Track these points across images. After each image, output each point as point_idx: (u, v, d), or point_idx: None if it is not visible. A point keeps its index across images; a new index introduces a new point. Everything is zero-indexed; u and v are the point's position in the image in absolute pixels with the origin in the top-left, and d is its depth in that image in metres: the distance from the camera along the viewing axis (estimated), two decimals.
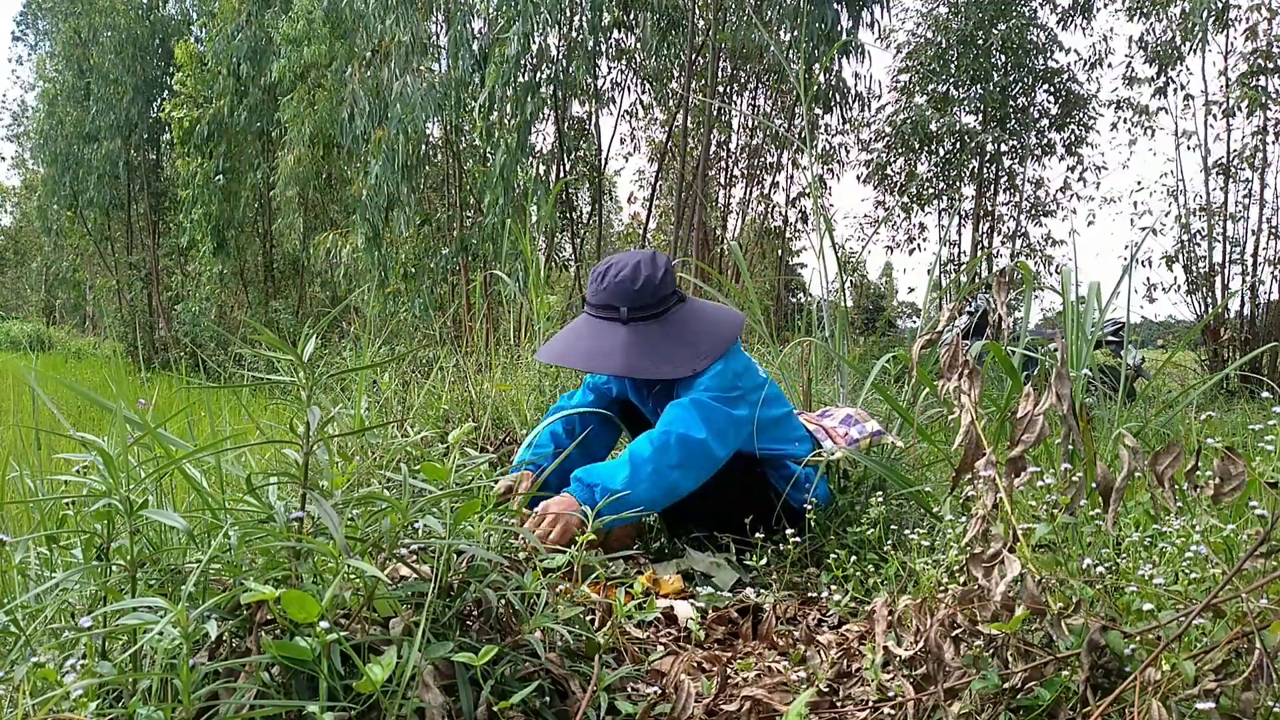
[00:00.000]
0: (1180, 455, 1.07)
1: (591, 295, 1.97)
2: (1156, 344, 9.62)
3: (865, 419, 2.31)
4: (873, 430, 2.26)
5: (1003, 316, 1.52)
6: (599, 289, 1.94)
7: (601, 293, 1.94)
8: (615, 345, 1.90)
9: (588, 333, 1.97)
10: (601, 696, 1.23)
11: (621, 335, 1.91)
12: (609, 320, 1.94)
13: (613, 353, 1.90)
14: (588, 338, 1.96)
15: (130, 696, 1.05)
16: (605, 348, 1.91)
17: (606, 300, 1.93)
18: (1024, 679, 1.08)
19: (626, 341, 1.91)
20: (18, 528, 1.89)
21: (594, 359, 1.93)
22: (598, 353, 1.92)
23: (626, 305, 1.92)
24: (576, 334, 2.00)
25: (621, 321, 1.92)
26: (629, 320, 1.92)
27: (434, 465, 1.24)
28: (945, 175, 12.25)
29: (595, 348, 1.93)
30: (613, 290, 1.92)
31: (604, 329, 1.94)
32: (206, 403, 2.09)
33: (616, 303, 1.92)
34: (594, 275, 1.99)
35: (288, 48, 9.82)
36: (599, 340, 1.93)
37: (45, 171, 16.14)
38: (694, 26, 8.64)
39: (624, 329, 1.92)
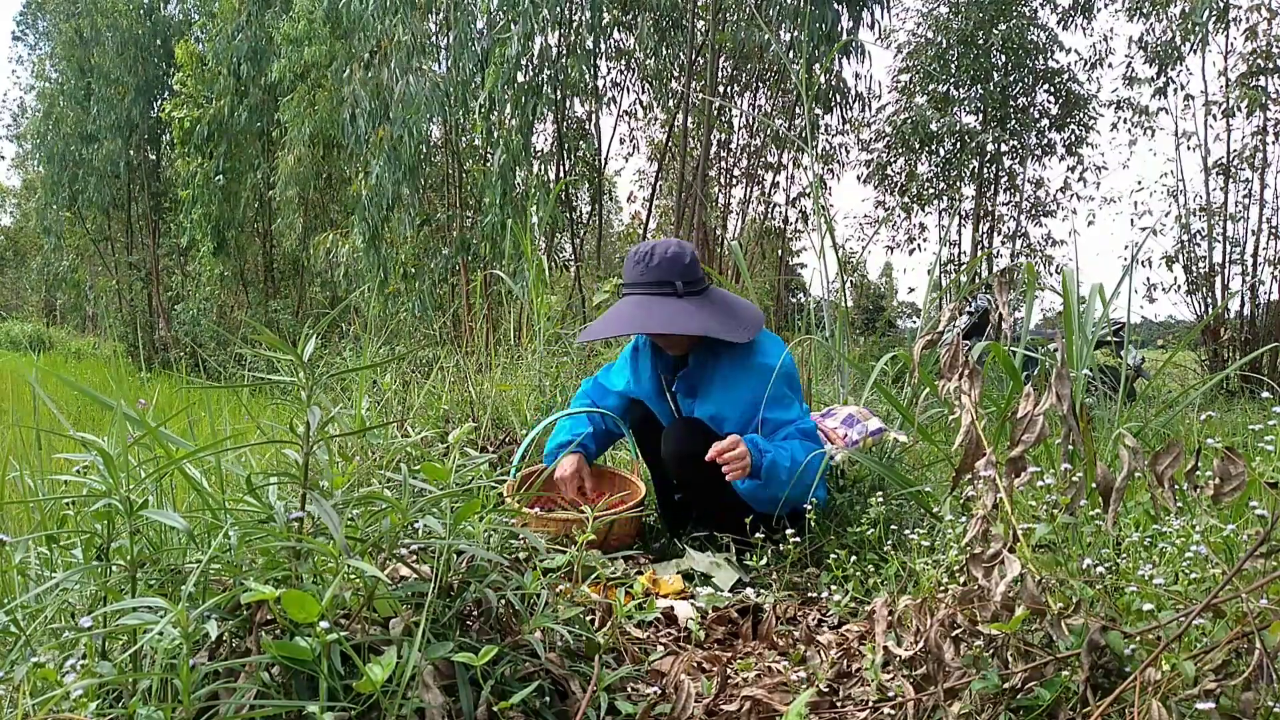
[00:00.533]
0: (1180, 455, 1.07)
1: (640, 275, 2.01)
2: (1156, 344, 9.61)
3: (867, 417, 2.31)
4: (874, 429, 2.26)
5: (1004, 317, 1.52)
6: (649, 267, 2.00)
7: (653, 269, 2.00)
8: (686, 313, 1.97)
9: (646, 306, 2.00)
10: (601, 696, 1.23)
11: (683, 305, 1.98)
12: (663, 295, 1.99)
13: (689, 317, 1.95)
14: (649, 310, 1.99)
15: (130, 696, 1.05)
16: (680, 313, 1.96)
17: (660, 276, 1.99)
18: (1024, 679, 1.08)
19: (691, 309, 1.97)
20: (18, 528, 1.89)
21: (675, 322, 1.96)
22: (677, 317, 1.96)
23: (680, 279, 2.00)
24: (636, 308, 2.01)
25: (677, 295, 1.99)
26: (684, 294, 2.00)
27: (434, 465, 1.24)
28: (945, 175, 12.24)
29: (673, 314, 1.97)
30: (665, 267, 1.99)
31: (661, 302, 1.99)
32: (207, 403, 2.09)
33: (670, 278, 1.99)
34: (638, 257, 2.03)
35: (288, 48, 9.81)
36: (663, 310, 1.98)
37: (44, 172, 16.14)
38: (694, 26, 8.64)
39: (680, 301, 1.98)
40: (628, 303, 2.03)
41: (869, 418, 2.31)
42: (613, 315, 2.07)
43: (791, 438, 1.98)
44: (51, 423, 2.15)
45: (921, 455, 2.55)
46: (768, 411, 1.99)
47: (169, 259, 15.86)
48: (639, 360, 2.26)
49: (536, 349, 3.40)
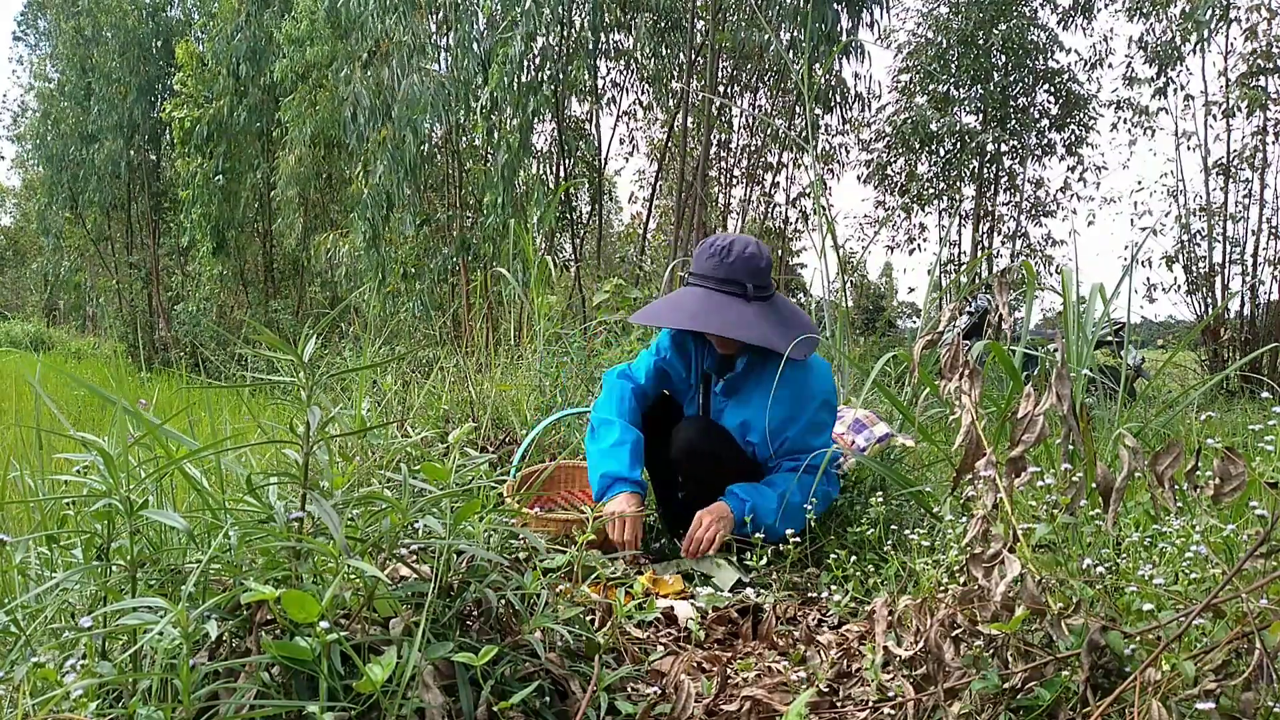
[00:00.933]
0: (1180, 455, 1.07)
1: (712, 269, 1.97)
2: (1156, 344, 9.61)
3: (874, 422, 2.31)
4: (881, 434, 2.26)
5: (1004, 317, 1.52)
6: (723, 263, 1.95)
7: (727, 266, 1.95)
8: (752, 319, 1.93)
9: (713, 303, 1.96)
10: (601, 696, 1.23)
11: (749, 310, 1.94)
12: (732, 295, 1.95)
13: (754, 325, 1.92)
14: (715, 308, 1.95)
15: (130, 696, 1.05)
16: (747, 318, 1.93)
17: (732, 275, 1.95)
18: (1024, 679, 1.08)
19: (756, 315, 1.94)
20: (19, 527, 1.89)
21: (735, 328, 1.93)
22: (742, 322, 1.93)
23: (753, 282, 1.95)
24: (698, 302, 1.97)
25: (745, 298, 1.95)
26: (753, 298, 1.95)
27: (434, 465, 1.24)
28: (945, 175, 12.24)
29: (730, 317, 1.93)
30: (740, 266, 1.95)
31: (728, 302, 1.95)
32: (207, 402, 2.09)
33: (743, 279, 1.95)
34: (712, 250, 1.98)
35: (290, 48, 9.81)
36: (728, 311, 1.94)
37: (44, 173, 16.14)
38: (693, 26, 8.64)
39: (748, 305, 1.95)
40: (693, 295, 1.98)
41: (875, 423, 2.31)
42: (675, 304, 2.02)
43: (792, 470, 1.96)
44: (52, 422, 2.15)
45: (922, 455, 2.55)
46: (796, 434, 1.97)
47: (169, 259, 15.86)
48: (683, 347, 2.19)
49: (537, 349, 3.40)
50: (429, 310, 7.93)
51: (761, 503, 1.92)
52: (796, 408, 1.97)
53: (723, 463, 2.01)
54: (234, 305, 13.09)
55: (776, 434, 2.00)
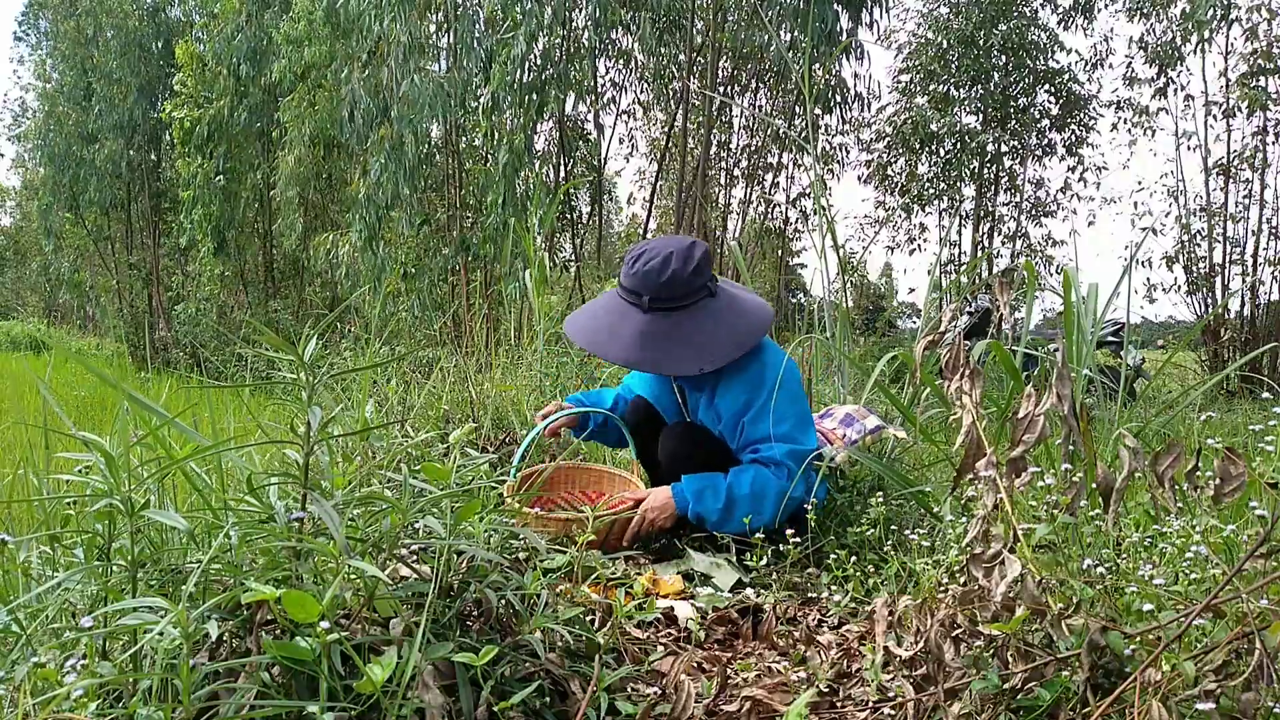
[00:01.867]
0: (1181, 456, 1.07)
1: (622, 276, 2.01)
2: (1156, 344, 9.61)
3: (864, 416, 2.31)
4: (872, 427, 2.26)
5: (1005, 317, 1.52)
6: (628, 272, 1.98)
7: (630, 277, 1.97)
8: (631, 333, 1.94)
9: (607, 315, 2.00)
10: (602, 697, 1.23)
11: (639, 323, 1.95)
12: (631, 305, 1.97)
13: (626, 343, 1.93)
14: (606, 321, 1.99)
15: (130, 697, 1.05)
16: (621, 334, 1.95)
17: (632, 286, 1.96)
18: (1024, 679, 1.08)
19: (642, 331, 1.94)
20: (21, 527, 1.89)
21: (607, 347, 1.96)
22: (612, 340, 1.95)
23: (649, 295, 1.94)
24: (600, 312, 2.03)
25: (642, 309, 1.95)
26: (649, 309, 1.95)
27: (434, 466, 1.24)
28: (946, 176, 12.24)
29: (610, 334, 1.96)
30: (640, 278, 1.95)
31: (626, 312, 1.97)
32: (208, 402, 2.09)
33: (640, 290, 1.95)
34: (629, 256, 2.02)
35: (288, 48, 9.81)
36: (618, 325, 1.96)
37: (45, 173, 16.14)
38: (692, 26, 8.64)
39: (643, 317, 1.95)
40: (604, 299, 2.05)
41: (866, 416, 2.31)
42: (582, 312, 2.09)
43: (753, 463, 1.95)
44: (53, 422, 2.15)
45: (922, 455, 2.55)
46: (750, 423, 1.97)
47: (169, 259, 15.86)
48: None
49: (537, 349, 3.40)
50: (429, 310, 7.93)
51: (708, 495, 1.92)
52: (751, 395, 1.97)
53: (710, 466, 2.01)
54: (234, 305, 13.09)
55: (735, 426, 2.00)
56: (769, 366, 1.99)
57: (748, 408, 1.97)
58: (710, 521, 1.94)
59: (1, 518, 1.80)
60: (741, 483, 1.92)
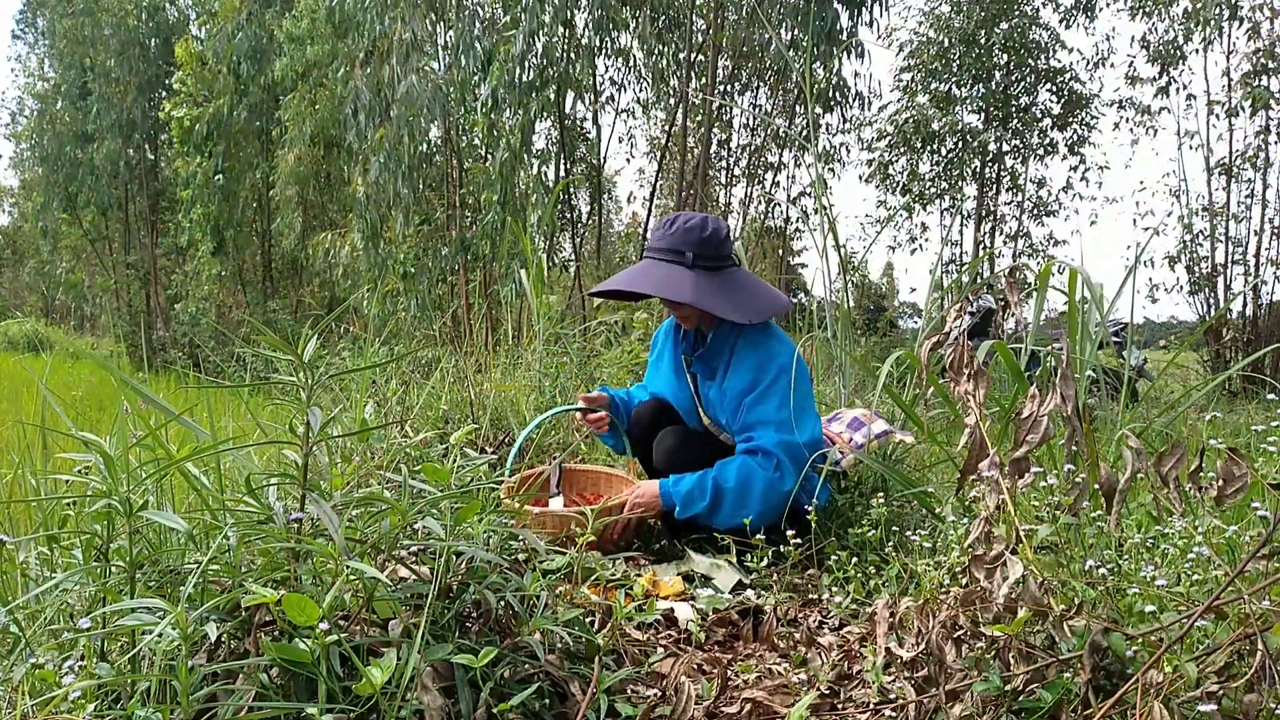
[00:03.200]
0: (1184, 456, 1.06)
1: (658, 240, 2.01)
2: (1159, 344, 9.60)
3: (872, 420, 2.31)
4: (879, 431, 2.26)
5: (1014, 315, 1.52)
6: (667, 233, 1.99)
7: (669, 237, 1.98)
8: (685, 281, 1.95)
9: (655, 270, 1.99)
10: (601, 699, 1.23)
11: (690, 276, 1.96)
12: (671, 262, 1.98)
13: (684, 286, 1.94)
14: (655, 274, 1.98)
15: (129, 698, 1.04)
16: (677, 280, 1.95)
17: (674, 244, 1.98)
18: (1026, 681, 1.07)
19: (695, 282, 1.96)
20: (19, 528, 1.88)
21: (666, 287, 1.95)
22: (670, 283, 1.95)
23: (693, 250, 1.97)
24: (642, 271, 2.01)
25: (687, 266, 1.97)
26: (694, 266, 1.97)
27: (434, 466, 1.24)
28: (947, 175, 12.23)
29: (667, 279, 1.96)
30: (681, 235, 1.97)
31: (670, 269, 1.97)
32: (207, 402, 2.09)
33: (684, 247, 1.97)
34: (663, 224, 2.03)
35: (290, 46, 9.81)
36: (668, 278, 1.97)
37: (40, 173, 16.15)
38: (692, 25, 8.63)
39: (690, 272, 1.96)
40: (638, 266, 2.03)
41: (874, 420, 2.31)
42: (616, 276, 2.07)
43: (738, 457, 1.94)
44: (52, 422, 2.15)
45: (923, 456, 2.54)
46: (751, 402, 1.98)
47: (167, 259, 15.86)
48: (664, 343, 2.28)
49: (536, 349, 3.40)
50: (428, 310, 7.92)
51: (695, 496, 1.93)
52: (758, 375, 1.98)
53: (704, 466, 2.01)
54: (232, 305, 13.09)
55: (737, 405, 2.00)
56: (780, 351, 2.01)
57: (753, 387, 1.98)
58: (701, 518, 1.95)
59: (0, 518, 1.80)
60: (726, 475, 1.92)
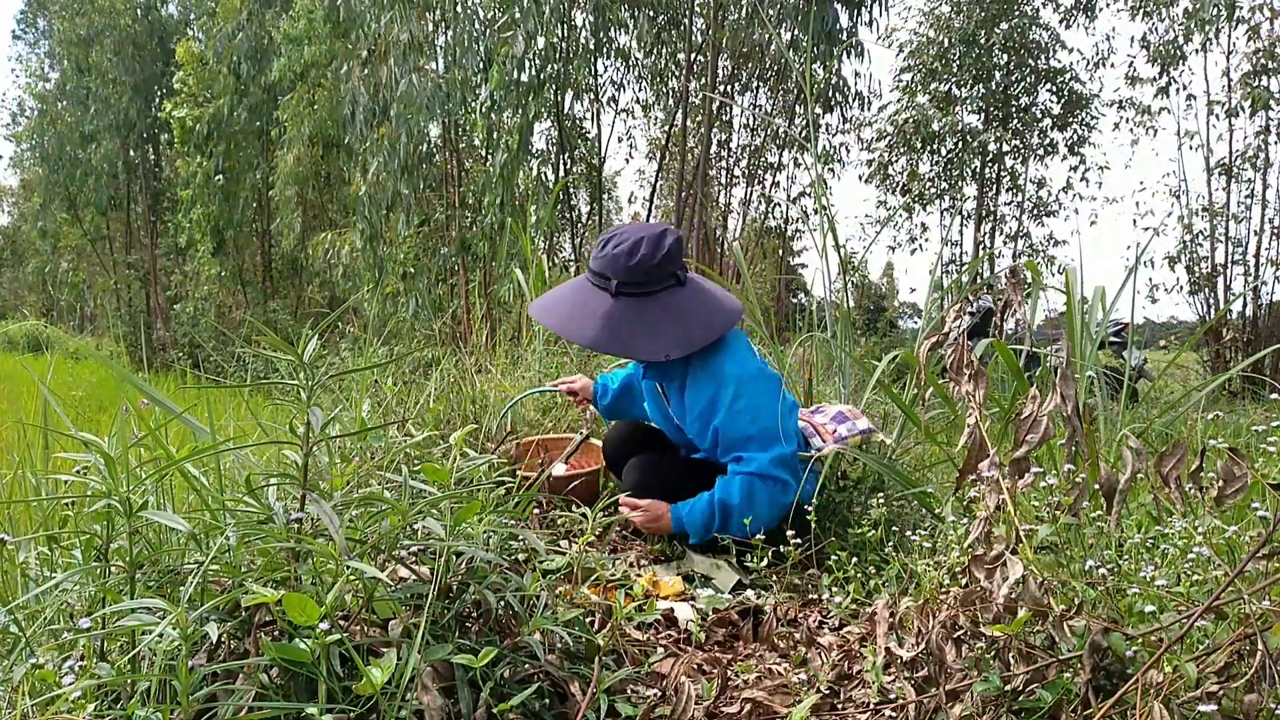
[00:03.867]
0: (1185, 456, 1.07)
1: (592, 260, 1.99)
2: (1159, 345, 9.60)
3: (857, 416, 2.30)
4: (863, 428, 2.25)
5: (1015, 315, 1.52)
6: (598, 255, 1.97)
7: (599, 260, 1.96)
8: (596, 315, 1.92)
9: (576, 296, 1.98)
10: (601, 699, 1.23)
11: (607, 306, 1.92)
12: (600, 289, 1.95)
13: (589, 324, 1.91)
14: (573, 302, 1.97)
15: (129, 698, 1.04)
16: (586, 316, 1.93)
17: (600, 269, 1.95)
18: (1026, 681, 1.07)
19: (608, 314, 1.91)
20: (19, 528, 1.88)
21: (568, 327, 1.94)
22: (575, 321, 1.93)
23: (617, 279, 1.92)
24: (569, 293, 2.01)
25: (610, 294, 1.93)
26: (616, 294, 1.92)
27: (434, 466, 1.24)
28: (947, 175, 12.24)
29: (575, 316, 1.94)
30: (608, 260, 1.93)
31: (593, 296, 1.95)
32: (207, 402, 2.09)
33: (609, 273, 1.93)
34: (601, 240, 2.00)
35: (288, 46, 9.81)
36: (584, 307, 1.95)
37: (40, 173, 16.14)
38: (692, 25, 8.63)
39: (611, 301, 1.92)
40: (574, 282, 2.03)
41: (859, 416, 2.31)
42: (551, 295, 2.05)
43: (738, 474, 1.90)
44: (53, 422, 2.14)
45: (923, 456, 2.54)
46: (724, 424, 1.92)
47: (167, 259, 15.86)
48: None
49: (536, 349, 3.40)
50: (428, 310, 7.92)
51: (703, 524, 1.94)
52: (716, 395, 1.93)
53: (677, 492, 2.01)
54: (232, 305, 13.09)
55: (704, 425, 1.97)
56: (735, 362, 1.93)
57: (713, 406, 1.93)
58: (710, 530, 1.95)
59: (0, 518, 1.80)
60: (730, 494, 1.90)
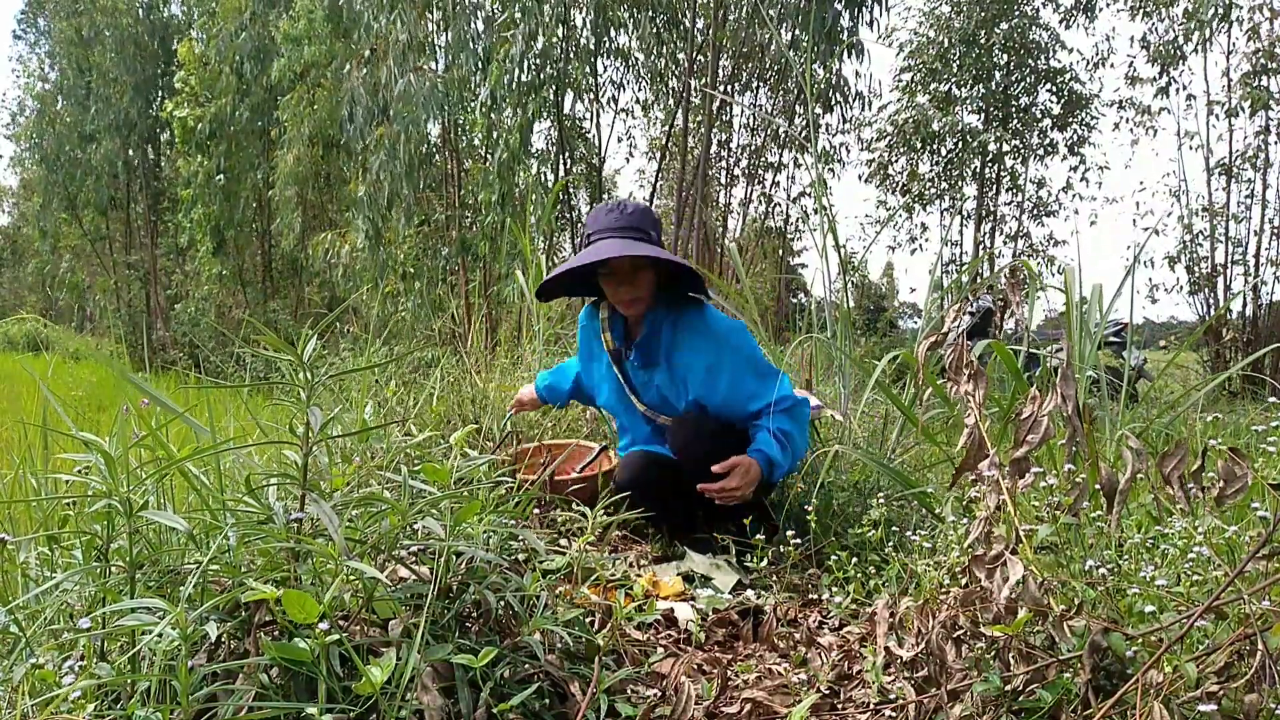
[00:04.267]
0: (1185, 456, 1.07)
1: (614, 221, 2.00)
2: (1159, 345, 9.60)
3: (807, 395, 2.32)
4: (814, 405, 2.30)
5: (1014, 315, 1.52)
6: (624, 214, 2.01)
7: (628, 216, 2.01)
8: (654, 248, 1.98)
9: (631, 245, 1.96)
10: (601, 699, 1.23)
11: (654, 248, 1.99)
12: (637, 239, 1.99)
13: (660, 252, 1.96)
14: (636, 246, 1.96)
15: (129, 698, 1.04)
16: (648, 248, 1.96)
17: (635, 223, 2.00)
18: (1026, 681, 1.07)
19: (660, 251, 1.99)
20: (20, 528, 1.88)
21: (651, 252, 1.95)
22: (661, 252, 1.97)
23: (653, 230, 2.02)
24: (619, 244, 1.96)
25: (650, 242, 2.01)
26: (655, 243, 2.02)
27: (434, 466, 1.24)
28: (947, 175, 12.24)
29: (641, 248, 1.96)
30: (639, 216, 2.01)
31: (637, 244, 1.97)
32: (207, 402, 2.09)
33: (645, 226, 2.01)
34: (611, 205, 2.05)
35: (288, 46, 9.80)
36: (637, 245, 1.96)
37: (41, 173, 16.15)
38: (692, 25, 8.63)
39: (651, 246, 2.00)
40: (606, 242, 1.99)
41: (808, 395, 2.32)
42: (593, 250, 1.99)
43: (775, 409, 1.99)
44: (54, 422, 2.14)
45: (922, 456, 2.54)
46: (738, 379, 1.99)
47: (167, 259, 15.86)
48: (589, 337, 2.25)
49: (536, 349, 3.40)
50: (428, 310, 7.91)
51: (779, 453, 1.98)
52: (717, 351, 2.00)
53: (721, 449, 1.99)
54: (232, 305, 13.09)
55: (712, 384, 2.00)
56: (728, 327, 2.05)
57: (720, 360, 1.99)
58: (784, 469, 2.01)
59: (0, 518, 1.80)
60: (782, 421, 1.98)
